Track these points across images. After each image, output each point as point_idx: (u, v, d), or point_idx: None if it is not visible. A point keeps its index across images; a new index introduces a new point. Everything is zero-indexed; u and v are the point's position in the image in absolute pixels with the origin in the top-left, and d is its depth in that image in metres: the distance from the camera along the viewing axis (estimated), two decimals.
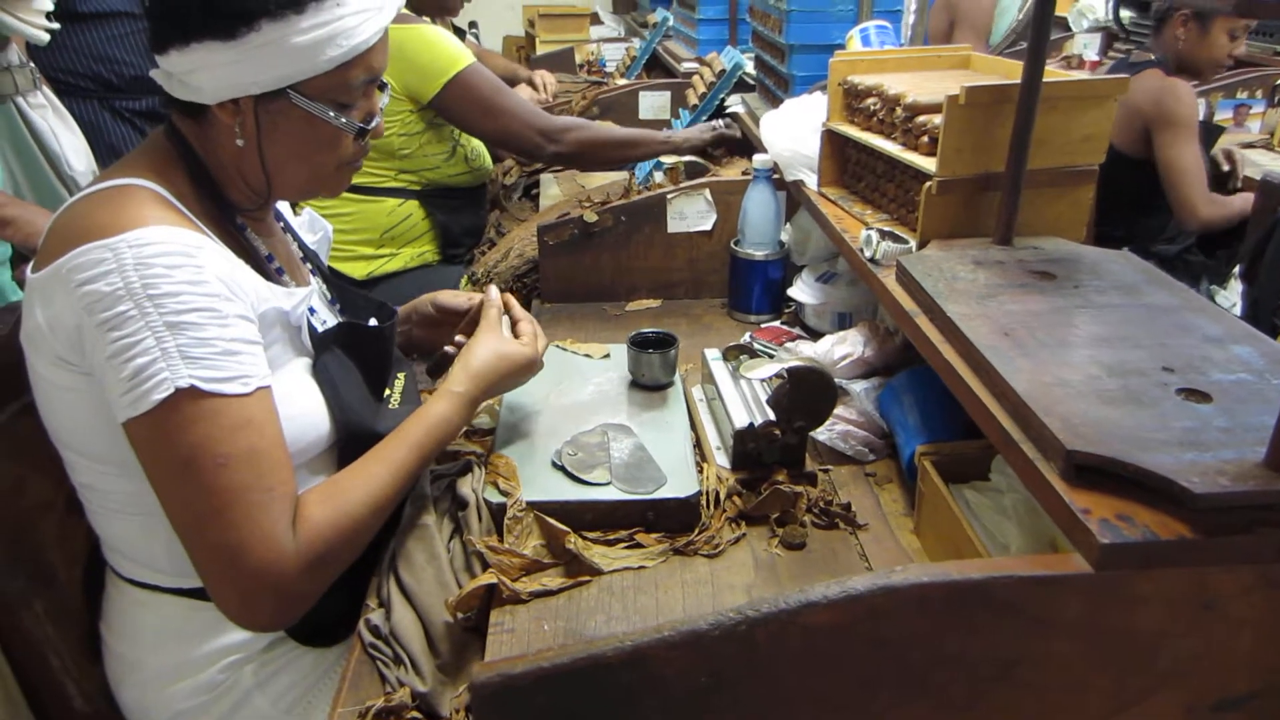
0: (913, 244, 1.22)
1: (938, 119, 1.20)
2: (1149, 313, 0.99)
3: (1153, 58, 2.39)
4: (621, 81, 3.03)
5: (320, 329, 1.09)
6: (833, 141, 1.47)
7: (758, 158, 1.62)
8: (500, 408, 1.32)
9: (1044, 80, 1.09)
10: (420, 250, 2.18)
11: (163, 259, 0.85)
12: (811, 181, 1.54)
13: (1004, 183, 1.15)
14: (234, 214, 1.03)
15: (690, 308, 1.79)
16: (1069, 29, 3.60)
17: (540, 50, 3.89)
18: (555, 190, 2.31)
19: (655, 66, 3.28)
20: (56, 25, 1.47)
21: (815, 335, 1.63)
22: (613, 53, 3.58)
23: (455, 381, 1.11)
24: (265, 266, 1.06)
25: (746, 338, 1.62)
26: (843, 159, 1.49)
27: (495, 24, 4.48)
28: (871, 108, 1.35)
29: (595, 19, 4.26)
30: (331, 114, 0.97)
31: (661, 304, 1.80)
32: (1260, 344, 0.90)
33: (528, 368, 1.17)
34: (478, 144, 2.20)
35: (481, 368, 1.12)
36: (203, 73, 0.92)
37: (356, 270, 2.09)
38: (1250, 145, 2.74)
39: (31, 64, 1.49)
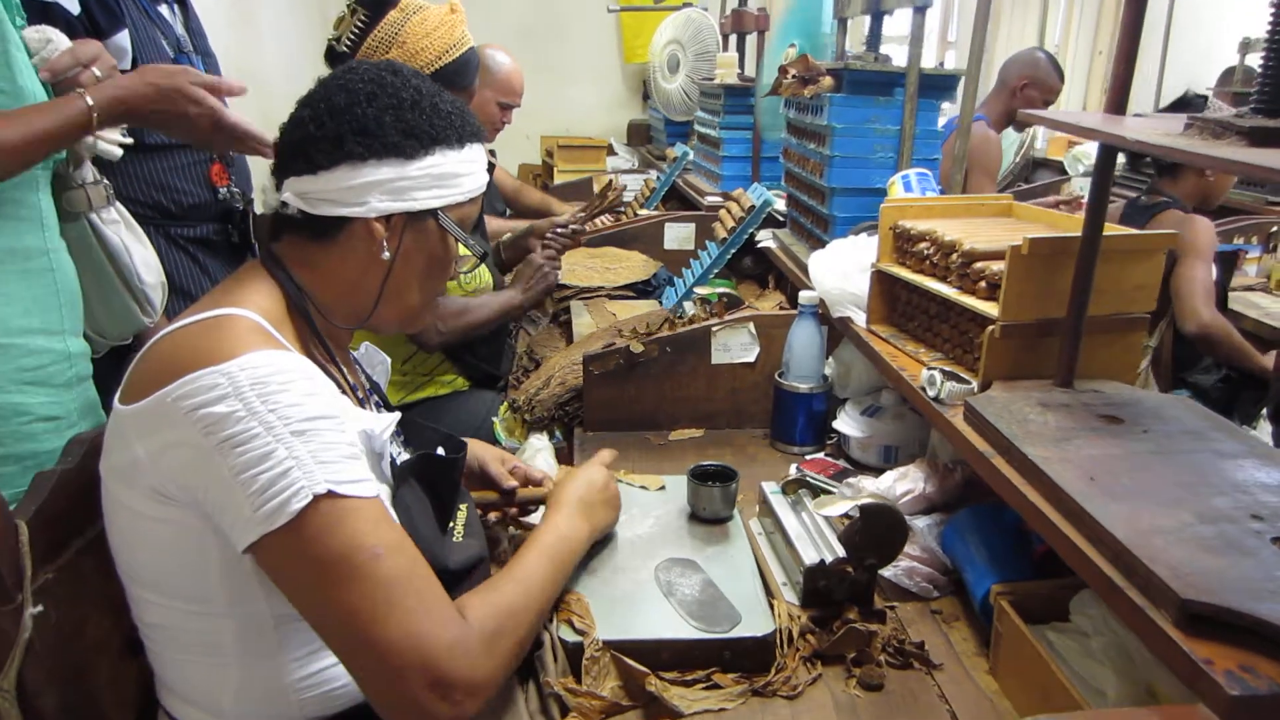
0: (974, 384, 1.26)
1: (995, 266, 1.26)
2: (1221, 459, 1.02)
3: (1164, 198, 2.53)
4: (643, 212, 3.13)
5: (398, 459, 1.10)
6: (883, 281, 1.53)
7: (803, 294, 1.68)
8: None
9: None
10: (448, 378, 2.20)
11: (277, 376, 0.87)
12: (859, 319, 1.59)
13: (1065, 328, 1.19)
14: (326, 343, 1.06)
15: (733, 437, 1.81)
16: (1065, 173, 3.78)
17: (558, 179, 4.03)
18: (587, 318, 2.35)
19: (672, 198, 3.40)
20: (130, 140, 1.51)
21: (860, 467, 1.65)
22: (631, 183, 3.71)
23: (554, 504, 1.19)
24: (352, 395, 1.08)
25: (794, 469, 1.64)
26: (892, 298, 1.54)
27: (513, 153, 4.65)
28: (924, 252, 1.41)
29: (610, 150, 4.44)
30: (464, 235, 1.07)
31: (704, 433, 1.82)
32: None
33: (610, 490, 1.27)
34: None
35: (573, 485, 1.22)
36: (371, 189, 0.99)
37: (388, 398, 2.10)
38: (1249, 289, 2.85)
39: (105, 180, 1.53)
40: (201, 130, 1.38)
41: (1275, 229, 2.95)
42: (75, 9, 1.63)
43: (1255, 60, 3.20)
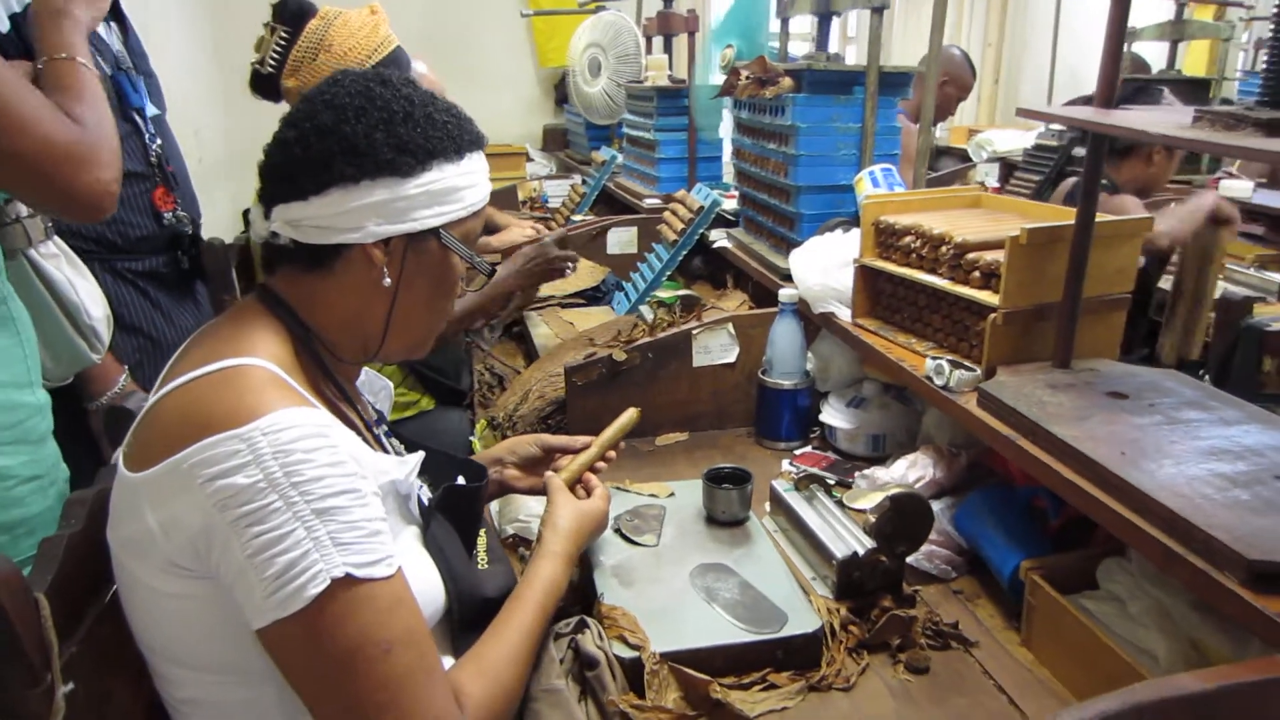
0: (979, 371, 1.31)
1: (988, 256, 1.32)
2: (1228, 426, 1.10)
3: (1103, 181, 2.60)
4: (576, 218, 3.12)
5: (422, 495, 1.07)
6: (866, 276, 1.58)
7: (784, 292, 1.71)
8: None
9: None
10: (412, 397, 2.15)
11: (301, 443, 0.81)
12: (843, 314, 1.63)
13: (1061, 311, 1.26)
14: (337, 381, 1.01)
15: (717, 438, 1.83)
16: (969, 159, 3.93)
17: None
18: (545, 329, 2.34)
19: (601, 202, 3.40)
20: None
21: (849, 457, 1.69)
22: (555, 189, 3.69)
23: (550, 543, 1.14)
24: (368, 434, 1.04)
25: (787, 464, 1.67)
26: (875, 292, 1.59)
27: None
28: (910, 245, 1.46)
29: (526, 156, 4.40)
30: (469, 253, 1.01)
31: (689, 436, 1.83)
32: None
33: (603, 521, 1.25)
34: None
35: (569, 526, 1.18)
36: (366, 212, 0.93)
37: None
38: None
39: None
40: None
41: None
42: (4, 27, 1.53)
43: (1140, 49, 3.41)
